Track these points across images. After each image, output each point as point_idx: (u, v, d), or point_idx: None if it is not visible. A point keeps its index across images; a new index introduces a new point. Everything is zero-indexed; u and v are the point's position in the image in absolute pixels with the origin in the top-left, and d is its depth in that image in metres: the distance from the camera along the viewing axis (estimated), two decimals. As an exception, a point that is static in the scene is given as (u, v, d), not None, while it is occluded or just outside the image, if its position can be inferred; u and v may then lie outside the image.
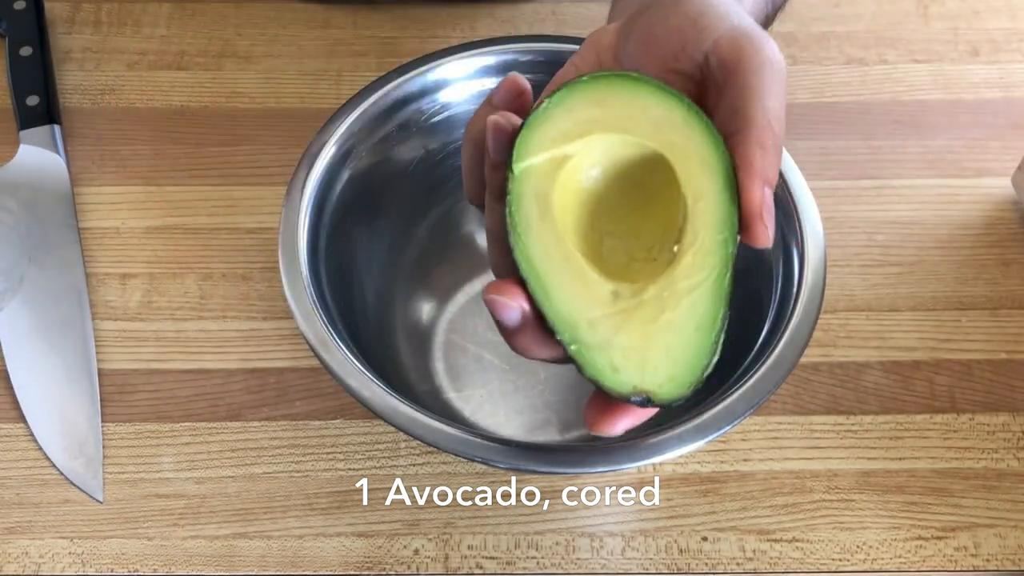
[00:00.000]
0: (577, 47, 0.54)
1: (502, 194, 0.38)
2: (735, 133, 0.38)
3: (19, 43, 0.64)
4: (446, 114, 0.54)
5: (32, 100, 0.62)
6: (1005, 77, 0.66)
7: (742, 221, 0.37)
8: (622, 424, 0.38)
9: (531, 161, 0.38)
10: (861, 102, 0.64)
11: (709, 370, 0.36)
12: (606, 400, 0.37)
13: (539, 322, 0.37)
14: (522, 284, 0.37)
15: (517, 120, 0.39)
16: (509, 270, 0.38)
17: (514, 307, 0.37)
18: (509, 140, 0.38)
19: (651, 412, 0.38)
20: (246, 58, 0.66)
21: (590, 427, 0.38)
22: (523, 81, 0.41)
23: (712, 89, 0.40)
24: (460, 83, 0.54)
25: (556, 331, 0.36)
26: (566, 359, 0.37)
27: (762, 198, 0.37)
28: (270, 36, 0.67)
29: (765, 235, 0.37)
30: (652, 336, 0.36)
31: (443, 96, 0.54)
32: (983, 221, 0.60)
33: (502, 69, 0.54)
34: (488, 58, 0.54)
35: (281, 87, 0.65)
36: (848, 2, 0.69)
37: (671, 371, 0.36)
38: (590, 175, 0.39)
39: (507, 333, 0.38)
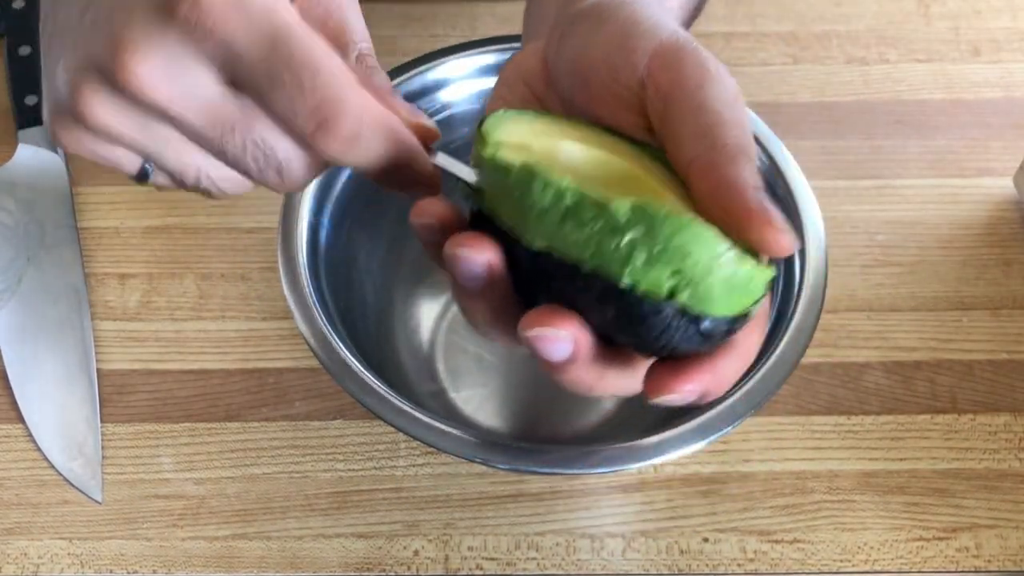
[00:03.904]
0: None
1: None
2: (695, 159, 0.33)
3: (18, 43, 0.64)
4: (446, 114, 0.54)
5: (31, 100, 0.62)
6: (1006, 77, 0.66)
7: (752, 238, 0.31)
8: (685, 383, 0.31)
9: (503, 138, 0.34)
10: (862, 101, 0.64)
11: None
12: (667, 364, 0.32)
13: (600, 342, 0.32)
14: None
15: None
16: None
17: (564, 337, 0.31)
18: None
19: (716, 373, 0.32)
20: (245, 57, 0.66)
21: (651, 395, 0.32)
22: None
23: (655, 116, 0.35)
24: (460, 82, 0.54)
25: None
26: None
27: (760, 201, 0.31)
28: (269, 35, 0.67)
29: (781, 238, 0.31)
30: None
31: (443, 96, 0.54)
32: (984, 221, 0.60)
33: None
34: (488, 57, 0.54)
35: (280, 87, 0.65)
36: (849, 1, 0.69)
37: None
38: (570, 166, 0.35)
39: (556, 367, 0.32)
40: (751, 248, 0.31)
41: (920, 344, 0.55)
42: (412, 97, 0.53)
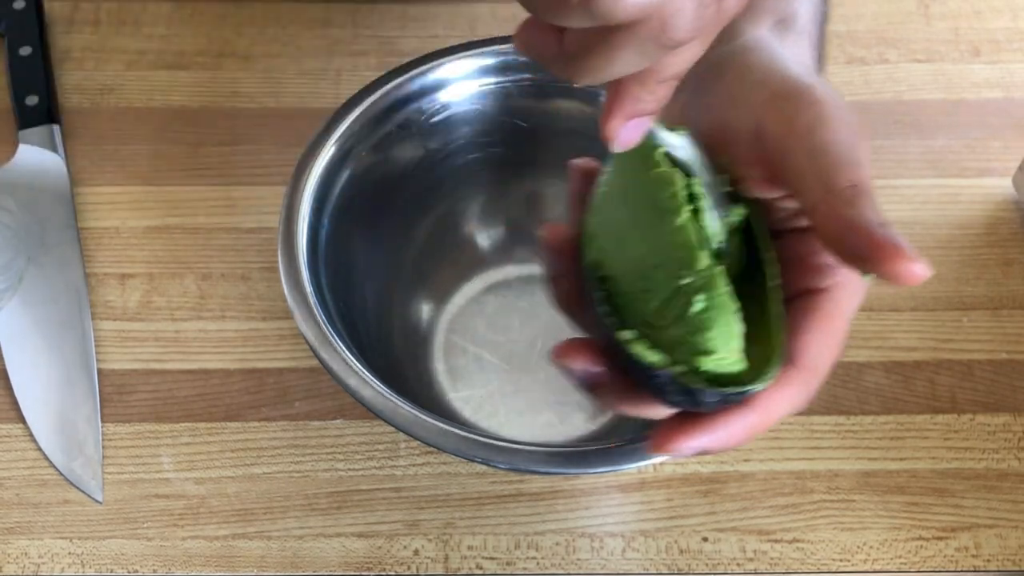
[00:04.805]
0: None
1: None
2: (817, 204, 0.33)
3: (18, 43, 0.64)
4: (446, 114, 0.54)
5: (31, 100, 0.62)
6: (1006, 77, 0.66)
7: (886, 271, 0.32)
8: (692, 438, 0.34)
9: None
10: (862, 102, 0.64)
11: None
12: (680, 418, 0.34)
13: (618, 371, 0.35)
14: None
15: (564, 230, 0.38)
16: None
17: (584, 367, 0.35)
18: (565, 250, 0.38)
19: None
20: (246, 58, 0.66)
21: (657, 447, 0.34)
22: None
23: (776, 166, 0.35)
24: (460, 83, 0.54)
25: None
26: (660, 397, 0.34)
27: (887, 236, 0.31)
28: (270, 36, 0.67)
29: (914, 268, 0.31)
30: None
31: (443, 96, 0.54)
32: (984, 221, 0.60)
33: (502, 69, 0.54)
34: (488, 58, 0.54)
35: (281, 87, 0.65)
36: (849, 1, 0.69)
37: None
38: None
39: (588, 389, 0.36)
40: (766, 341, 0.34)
41: (920, 344, 0.55)
42: (412, 98, 0.53)
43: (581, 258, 0.37)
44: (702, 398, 0.33)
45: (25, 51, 0.64)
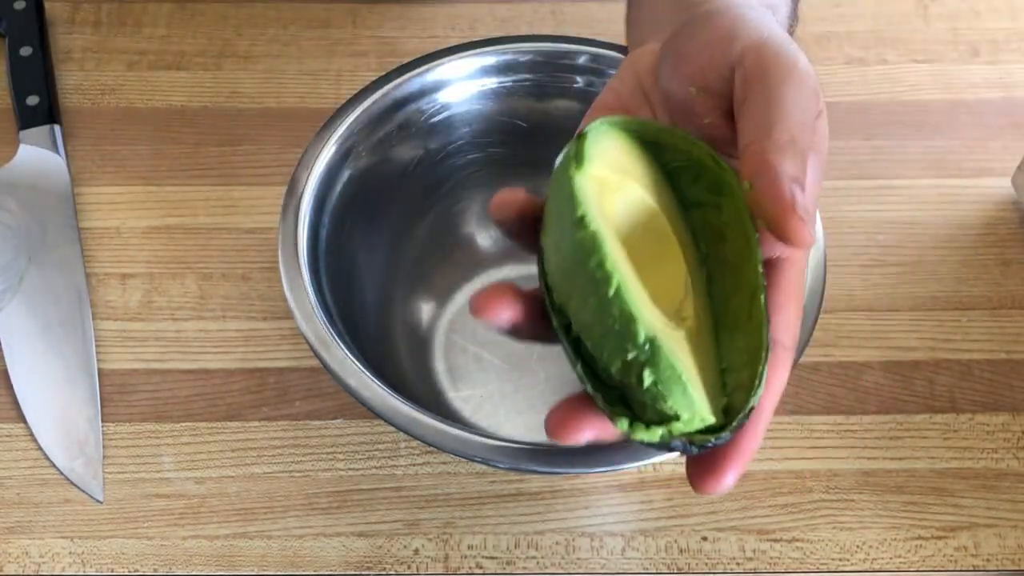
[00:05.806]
0: (577, 47, 0.54)
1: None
2: (751, 143, 0.35)
3: (19, 43, 0.64)
4: (446, 114, 0.54)
5: (32, 100, 0.62)
6: (1005, 77, 0.66)
7: (774, 223, 0.33)
8: (586, 433, 0.34)
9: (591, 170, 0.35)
10: (861, 102, 0.64)
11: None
12: (574, 406, 0.34)
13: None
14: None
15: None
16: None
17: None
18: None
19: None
20: (246, 58, 0.66)
21: (552, 434, 0.34)
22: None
23: (736, 101, 0.37)
24: (460, 83, 0.54)
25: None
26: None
27: (791, 190, 0.33)
28: (270, 36, 0.67)
29: (800, 229, 0.33)
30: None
31: (443, 96, 0.54)
32: (983, 221, 0.60)
33: (502, 69, 0.54)
34: (488, 58, 0.54)
35: (281, 87, 0.65)
36: (848, 2, 0.69)
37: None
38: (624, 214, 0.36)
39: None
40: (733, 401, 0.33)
41: (919, 344, 0.55)
42: (412, 98, 0.53)
43: (543, 278, 0.35)
44: (706, 446, 0.33)
45: (26, 51, 0.64)
